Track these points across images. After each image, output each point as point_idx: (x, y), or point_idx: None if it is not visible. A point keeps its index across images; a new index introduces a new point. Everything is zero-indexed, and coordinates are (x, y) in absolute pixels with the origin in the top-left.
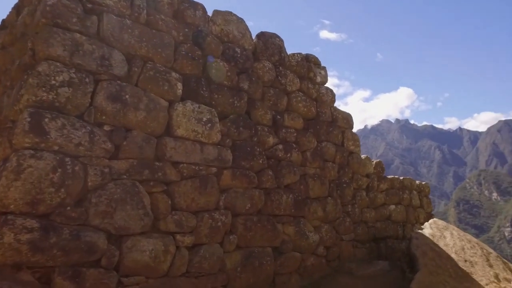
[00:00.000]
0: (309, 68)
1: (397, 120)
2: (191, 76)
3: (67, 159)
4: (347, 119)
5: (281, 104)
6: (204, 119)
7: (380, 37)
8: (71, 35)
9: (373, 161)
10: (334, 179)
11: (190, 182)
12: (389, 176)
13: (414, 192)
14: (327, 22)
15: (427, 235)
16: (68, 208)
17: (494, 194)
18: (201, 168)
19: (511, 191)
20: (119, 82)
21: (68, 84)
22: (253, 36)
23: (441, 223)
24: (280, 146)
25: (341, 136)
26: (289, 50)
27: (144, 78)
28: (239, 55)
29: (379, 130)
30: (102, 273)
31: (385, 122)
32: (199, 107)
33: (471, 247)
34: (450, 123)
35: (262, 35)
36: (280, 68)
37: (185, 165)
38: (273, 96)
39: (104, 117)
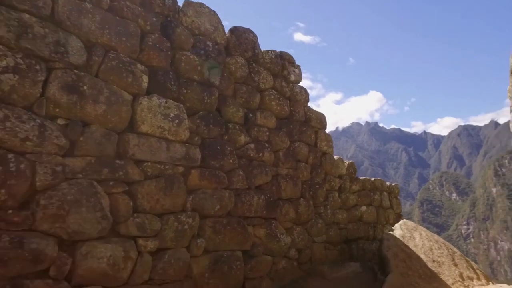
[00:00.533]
0: (283, 66)
1: (367, 123)
2: (158, 68)
3: (10, 155)
4: (321, 119)
5: (254, 102)
6: (172, 115)
7: (352, 42)
8: (17, 15)
9: (345, 162)
10: (307, 180)
11: (155, 182)
12: (361, 178)
13: (385, 193)
14: (301, 24)
15: (397, 236)
16: (10, 211)
17: (454, 195)
18: (167, 167)
19: (468, 192)
20: (76, 71)
21: (13, 70)
22: (226, 31)
23: (410, 224)
24: (252, 145)
25: (314, 137)
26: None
27: (106, 68)
28: (210, 49)
29: (350, 132)
30: (50, 284)
31: (356, 125)
32: (166, 102)
33: (438, 247)
34: (416, 127)
35: (235, 30)
36: (254, 64)
37: (149, 163)
38: (245, 93)
39: (57, 110)
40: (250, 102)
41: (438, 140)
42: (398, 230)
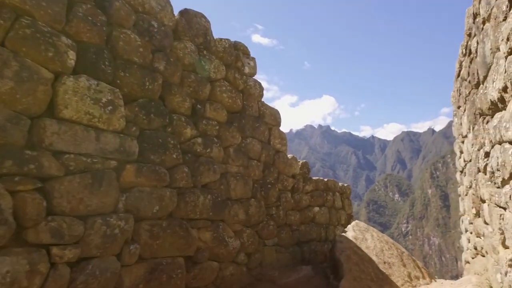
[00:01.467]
0: (237, 56)
1: (320, 126)
2: (90, 45)
3: None
4: (275, 115)
5: (203, 93)
6: (104, 100)
7: (309, 47)
8: None
9: (299, 162)
10: (259, 179)
11: (79, 178)
12: (314, 178)
13: (337, 194)
14: (260, 27)
15: (350, 238)
16: None
17: (396, 195)
18: (95, 160)
19: (409, 193)
20: None
21: None
22: (176, 13)
23: (362, 225)
24: (199, 140)
25: (267, 133)
26: None
27: (16, 36)
28: (155, 30)
29: (303, 134)
30: None
31: (309, 127)
32: (98, 85)
33: (388, 248)
34: (364, 131)
35: (186, 12)
36: (205, 52)
37: (72, 156)
38: (194, 82)
39: None
40: (199, 92)
41: (384, 144)
42: (351, 231)
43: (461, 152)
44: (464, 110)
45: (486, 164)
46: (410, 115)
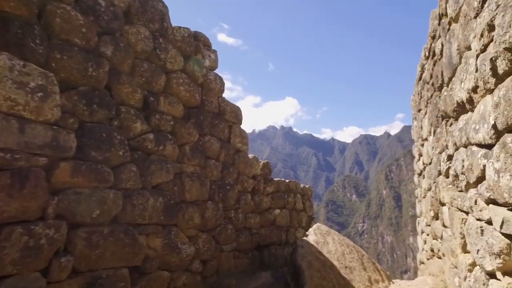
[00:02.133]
0: (197, 47)
1: (282, 127)
2: (14, 17)
3: None
4: (236, 112)
5: (157, 84)
6: (32, 84)
7: (273, 48)
8: None
9: (260, 162)
10: (217, 180)
11: None
12: (275, 179)
13: (298, 195)
14: (226, 26)
15: (311, 242)
16: None
17: (354, 196)
18: (17, 156)
19: (365, 193)
20: None
21: None
22: None
23: (324, 228)
24: (151, 136)
25: (228, 131)
26: None
27: None
28: (103, 10)
29: (266, 135)
30: None
31: (272, 128)
32: (24, 66)
33: (349, 251)
34: (325, 134)
35: None
36: (161, 40)
37: None
38: (147, 72)
39: None
40: (152, 84)
41: (343, 146)
42: (312, 235)
43: (420, 155)
44: (425, 113)
45: (449, 167)
46: (368, 119)
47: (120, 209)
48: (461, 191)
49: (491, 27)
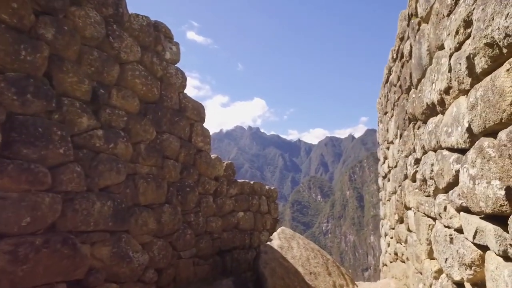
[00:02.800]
0: (157, 38)
1: (250, 128)
2: None
3: None
4: (198, 110)
5: (110, 75)
6: None
7: (243, 49)
8: None
9: (223, 163)
10: (176, 182)
11: None
12: (239, 180)
13: (263, 197)
14: (196, 24)
15: (275, 247)
16: None
17: (319, 197)
18: None
19: (330, 194)
20: None
21: None
22: None
23: (288, 231)
24: (100, 132)
25: (189, 129)
26: None
27: None
28: None
29: (233, 135)
30: None
31: (239, 129)
32: None
33: (314, 256)
34: (292, 135)
35: None
36: (115, 26)
37: None
38: (97, 61)
39: None
40: (103, 74)
41: (309, 148)
42: (276, 239)
43: (385, 157)
44: (392, 116)
45: (416, 171)
46: (333, 122)
47: (58, 215)
48: (428, 196)
49: (467, 23)
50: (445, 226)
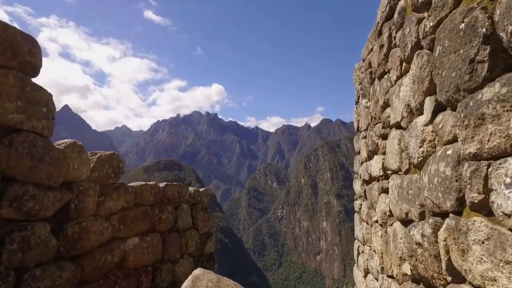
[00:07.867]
0: None
1: (207, 113)
2: None
3: None
4: (12, 43)
5: None
6: None
7: (203, 32)
8: None
9: (96, 155)
10: None
11: None
12: (135, 183)
13: (184, 205)
14: (153, 3)
15: None
16: None
17: (275, 184)
18: None
19: (285, 181)
20: None
21: None
22: None
23: (210, 277)
24: None
25: None
26: (107, 23)
27: None
28: None
29: (191, 120)
30: None
31: (197, 114)
32: None
33: None
34: (250, 122)
35: None
36: None
37: None
38: None
39: None
40: None
41: (266, 135)
42: None
43: (374, 152)
44: (404, 73)
45: None
46: (291, 110)
47: None
48: None
49: None
50: None
